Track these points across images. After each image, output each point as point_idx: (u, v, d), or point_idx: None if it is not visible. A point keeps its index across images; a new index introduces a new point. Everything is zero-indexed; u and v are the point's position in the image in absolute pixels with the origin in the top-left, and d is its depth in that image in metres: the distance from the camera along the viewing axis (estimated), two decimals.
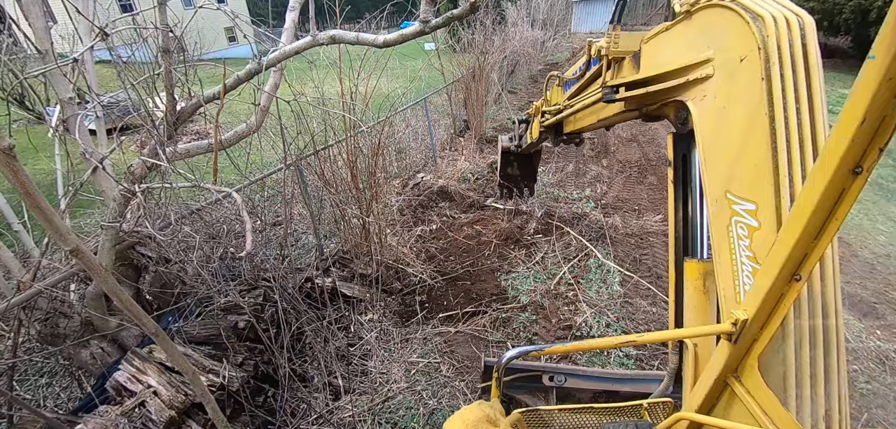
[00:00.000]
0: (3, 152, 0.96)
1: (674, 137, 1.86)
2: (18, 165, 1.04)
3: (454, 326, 4.18)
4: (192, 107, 2.43)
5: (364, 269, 4.67)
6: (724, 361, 1.31)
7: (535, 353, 1.48)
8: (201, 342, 3.15)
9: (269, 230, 5.03)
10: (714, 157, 1.45)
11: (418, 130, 8.90)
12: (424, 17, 2.66)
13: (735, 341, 1.25)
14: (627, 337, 1.41)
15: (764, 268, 1.14)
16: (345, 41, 2.79)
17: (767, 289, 1.12)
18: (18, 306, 2.64)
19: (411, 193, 6.96)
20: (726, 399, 1.38)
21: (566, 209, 6.24)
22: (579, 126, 3.02)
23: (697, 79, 1.53)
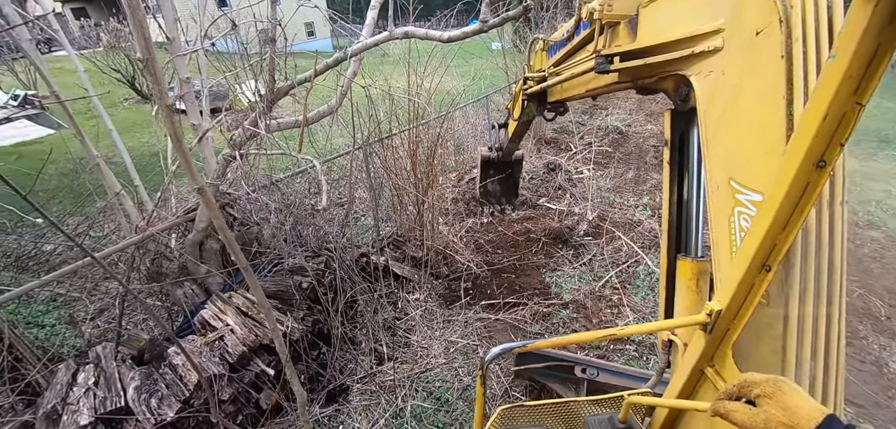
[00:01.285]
0: (167, 108, 1.33)
1: (672, 115, 1.71)
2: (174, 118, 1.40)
3: (495, 313, 4.36)
4: (288, 87, 2.87)
5: (415, 252, 4.99)
6: (700, 351, 1.34)
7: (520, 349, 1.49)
8: (271, 296, 3.61)
9: (333, 209, 5.52)
10: (718, 140, 1.35)
11: (478, 127, 9.11)
12: (484, 16, 2.89)
13: (710, 332, 1.29)
14: (609, 330, 1.41)
15: (736, 259, 1.18)
16: (416, 36, 3.12)
17: (739, 280, 1.16)
18: (135, 246, 3.24)
19: (466, 187, 7.20)
20: (703, 389, 1.41)
21: (620, 215, 6.15)
22: (565, 96, 2.81)
23: (704, 52, 1.38)
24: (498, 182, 4.60)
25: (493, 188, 4.63)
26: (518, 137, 3.86)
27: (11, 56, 17.39)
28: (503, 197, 4.67)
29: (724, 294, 1.23)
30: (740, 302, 1.21)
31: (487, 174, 4.54)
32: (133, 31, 1.16)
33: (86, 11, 31.83)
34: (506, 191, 4.64)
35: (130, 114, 13.72)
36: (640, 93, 1.96)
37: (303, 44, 21.68)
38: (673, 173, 1.78)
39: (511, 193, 4.64)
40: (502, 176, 4.54)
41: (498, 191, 4.63)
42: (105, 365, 2.87)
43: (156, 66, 1.23)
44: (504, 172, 4.49)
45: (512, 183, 4.60)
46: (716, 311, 1.25)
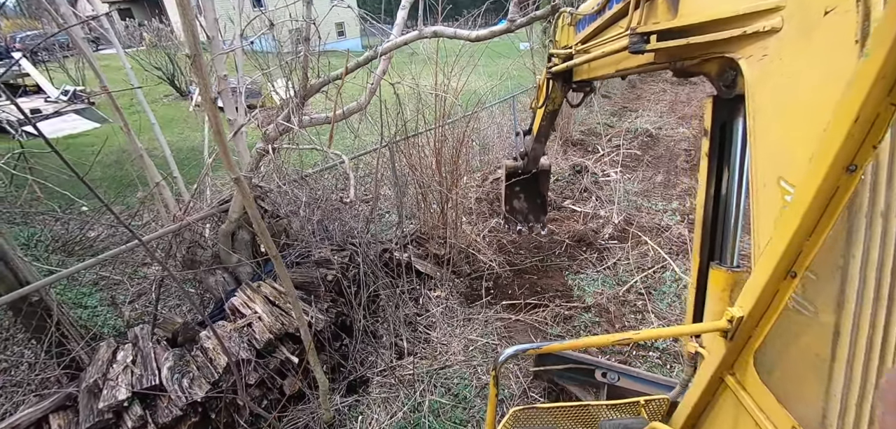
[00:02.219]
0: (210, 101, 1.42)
1: (714, 102, 1.54)
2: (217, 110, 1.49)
3: (516, 314, 4.36)
4: (320, 83, 2.98)
5: (438, 250, 5.04)
6: (719, 358, 1.31)
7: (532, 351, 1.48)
8: (297, 287, 3.72)
9: (358, 205, 5.64)
10: (768, 133, 1.21)
11: (504, 128, 9.08)
12: (511, 16, 2.90)
13: (731, 338, 1.25)
14: (625, 333, 1.38)
15: (759, 265, 1.14)
16: (444, 35, 3.16)
17: (762, 286, 1.12)
18: (172, 234, 3.41)
19: (490, 187, 7.20)
20: (722, 397, 1.37)
21: (647, 219, 6.02)
22: (593, 75, 2.61)
23: (757, 32, 1.21)
24: (525, 199, 4.26)
25: (519, 206, 4.28)
26: (544, 134, 3.54)
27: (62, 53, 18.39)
28: (531, 215, 4.29)
29: (746, 300, 1.19)
30: (763, 309, 1.17)
31: (513, 190, 4.19)
32: (183, 29, 1.24)
33: (130, 12, 33.54)
34: (534, 208, 4.28)
35: (169, 110, 14.37)
36: (678, 75, 1.73)
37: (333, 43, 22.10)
38: (711, 167, 1.60)
39: (539, 211, 4.28)
40: (528, 190, 4.21)
41: (525, 209, 4.28)
42: (142, 345, 3.04)
43: (202, 62, 1.31)
44: (530, 185, 4.17)
45: (539, 198, 4.25)
46: (737, 317, 1.21)
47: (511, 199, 4.28)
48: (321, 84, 3.00)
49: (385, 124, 4.31)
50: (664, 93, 13.77)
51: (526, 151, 3.86)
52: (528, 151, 3.80)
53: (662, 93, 13.79)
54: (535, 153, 3.79)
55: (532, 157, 3.79)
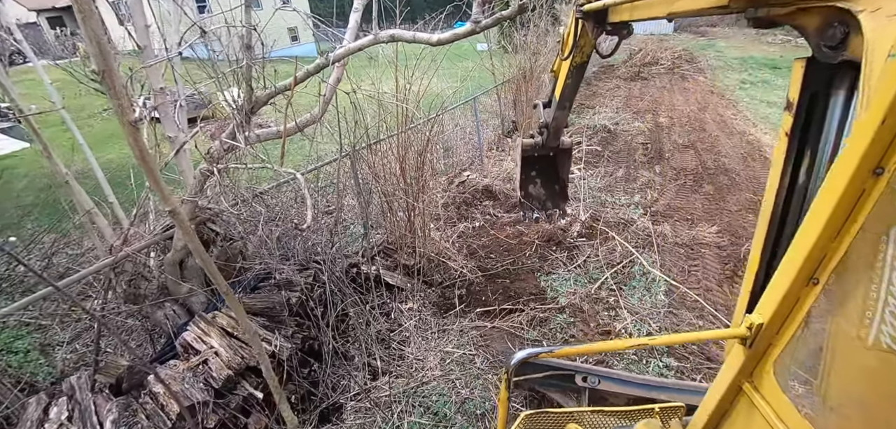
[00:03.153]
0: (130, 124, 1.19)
1: (807, 66, 1.21)
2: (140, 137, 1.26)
3: (491, 321, 4.26)
4: (267, 96, 2.72)
5: (407, 260, 4.86)
6: (738, 365, 1.27)
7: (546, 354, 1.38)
8: (257, 314, 3.45)
9: (321, 218, 5.36)
10: None
11: (466, 129, 9.03)
12: (476, 17, 2.77)
13: (750, 346, 1.21)
14: (639, 339, 1.35)
15: (780, 270, 1.09)
16: (403, 40, 2.98)
17: (784, 293, 1.08)
18: (109, 267, 3.05)
19: (456, 191, 7.10)
20: (740, 405, 1.33)
21: (613, 214, 6.11)
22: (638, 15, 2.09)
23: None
24: (542, 183, 3.81)
25: (536, 191, 3.83)
26: (569, 96, 3.00)
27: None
28: (549, 200, 3.86)
29: (766, 307, 1.14)
30: (784, 316, 1.12)
31: (529, 172, 3.72)
32: (86, 39, 1.02)
33: (62, 20, 31.01)
34: (552, 193, 3.84)
35: (110, 124, 13.29)
36: (757, 25, 1.39)
37: (286, 49, 21.30)
38: (791, 148, 1.31)
39: (557, 197, 3.83)
40: (546, 173, 3.76)
41: (542, 194, 3.83)
42: (80, 397, 2.68)
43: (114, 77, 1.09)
44: (548, 167, 3.72)
45: (558, 183, 3.80)
46: (757, 324, 1.16)
47: (527, 183, 3.81)
48: (268, 97, 2.75)
49: (344, 133, 4.09)
50: (618, 89, 14.21)
51: (546, 122, 3.38)
52: (549, 123, 3.34)
53: (617, 89, 14.23)
54: (558, 123, 3.31)
55: (554, 128, 3.33)
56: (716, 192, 6.86)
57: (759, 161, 8.02)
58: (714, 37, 24.79)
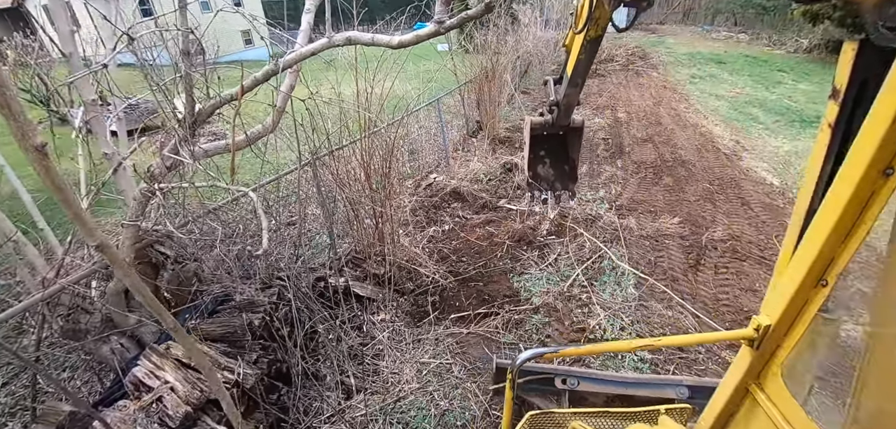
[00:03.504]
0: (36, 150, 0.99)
1: (860, 48, 1.08)
2: (50, 163, 1.06)
3: (466, 327, 4.17)
4: (211, 107, 2.48)
5: (377, 269, 4.70)
6: (745, 367, 1.27)
7: (549, 354, 1.43)
8: (217, 340, 3.19)
9: (283, 230, 5.09)
10: None
11: (431, 130, 8.92)
12: (439, 17, 2.64)
13: (757, 347, 1.20)
14: (643, 341, 1.34)
15: (788, 272, 1.08)
16: (360, 42, 2.81)
17: (792, 294, 1.07)
18: (43, 302, 2.72)
19: (424, 194, 6.98)
20: (746, 406, 1.32)
21: (579, 210, 6.18)
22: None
23: None
24: (551, 163, 3.58)
25: (544, 172, 3.59)
26: (581, 73, 2.85)
27: None
28: (558, 181, 3.59)
29: (773, 308, 1.13)
30: (792, 318, 1.11)
31: (538, 152, 3.52)
32: None
33: None
34: (561, 174, 3.60)
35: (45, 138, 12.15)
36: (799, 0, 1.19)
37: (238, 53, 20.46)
38: (834, 140, 1.20)
39: (567, 178, 3.60)
40: (555, 153, 3.56)
41: (551, 175, 3.58)
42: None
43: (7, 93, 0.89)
44: (557, 147, 3.53)
45: (568, 163, 3.59)
46: (764, 326, 1.15)
47: (535, 163, 3.60)
48: (213, 107, 2.52)
49: (304, 140, 3.88)
50: None
51: (557, 100, 3.18)
52: (560, 100, 3.15)
53: None
54: (569, 101, 3.11)
55: (565, 106, 3.12)
56: (675, 183, 7.10)
57: (712, 152, 8.40)
58: (664, 34, 25.92)
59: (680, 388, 2.95)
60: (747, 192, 6.77)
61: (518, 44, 11.85)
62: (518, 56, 12.07)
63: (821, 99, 11.43)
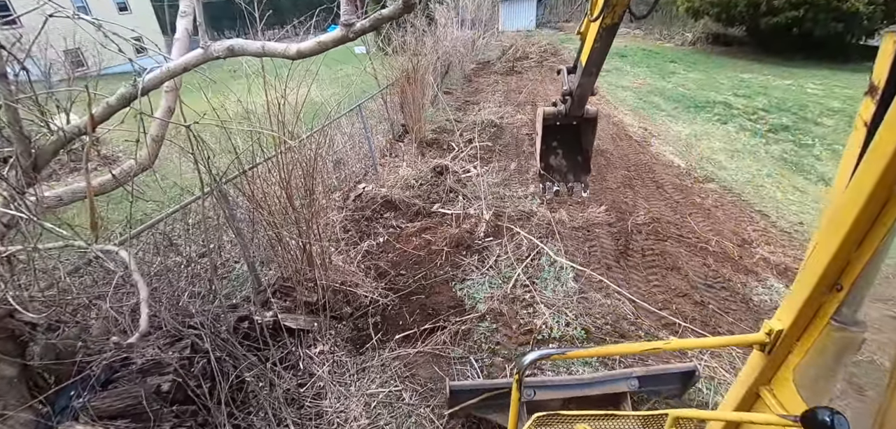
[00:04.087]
0: None
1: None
2: None
3: (413, 346, 3.93)
4: (54, 146, 1.96)
5: (308, 296, 4.27)
6: (756, 372, 1.25)
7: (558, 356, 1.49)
8: (116, 416, 2.63)
9: (195, 264, 4.44)
10: None
11: (355, 138, 8.50)
12: (346, 19, 2.31)
13: (769, 352, 1.19)
14: (651, 343, 1.30)
15: (801, 276, 1.06)
16: (246, 52, 2.38)
17: (805, 299, 1.05)
18: None
19: (354, 206, 6.59)
20: (757, 411, 1.30)
21: (513, 208, 6.22)
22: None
23: None
24: (564, 154, 3.56)
25: (557, 163, 3.58)
26: (596, 62, 2.75)
27: None
28: (570, 173, 3.59)
29: (786, 313, 1.12)
30: (805, 323, 1.10)
31: (550, 143, 3.48)
32: None
33: None
34: (574, 165, 3.58)
35: None
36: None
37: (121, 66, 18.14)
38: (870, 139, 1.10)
39: (580, 169, 3.59)
40: (568, 144, 3.52)
41: (563, 166, 3.57)
42: None
43: None
44: (570, 137, 3.50)
45: (581, 154, 3.56)
46: (776, 331, 1.14)
47: (547, 154, 3.57)
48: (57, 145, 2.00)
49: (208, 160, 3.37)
50: (497, 84, 14.88)
51: (570, 89, 3.12)
52: (573, 90, 3.08)
53: (496, 84, 14.89)
54: (583, 91, 3.04)
55: (578, 96, 3.07)
56: (597, 173, 7.45)
57: (625, 140, 8.99)
58: (570, 32, 27.61)
59: (630, 380, 3.00)
60: (660, 175, 7.31)
61: (437, 44, 11.79)
62: (438, 56, 12.02)
63: (708, 85, 12.85)
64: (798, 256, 5.06)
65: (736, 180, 7.09)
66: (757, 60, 16.70)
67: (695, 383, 3.12)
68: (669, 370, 3.07)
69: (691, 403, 3.25)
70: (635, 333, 3.97)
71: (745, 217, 5.98)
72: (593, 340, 3.89)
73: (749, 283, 4.62)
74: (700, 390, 3.30)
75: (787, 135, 8.99)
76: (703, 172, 7.42)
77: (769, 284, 4.59)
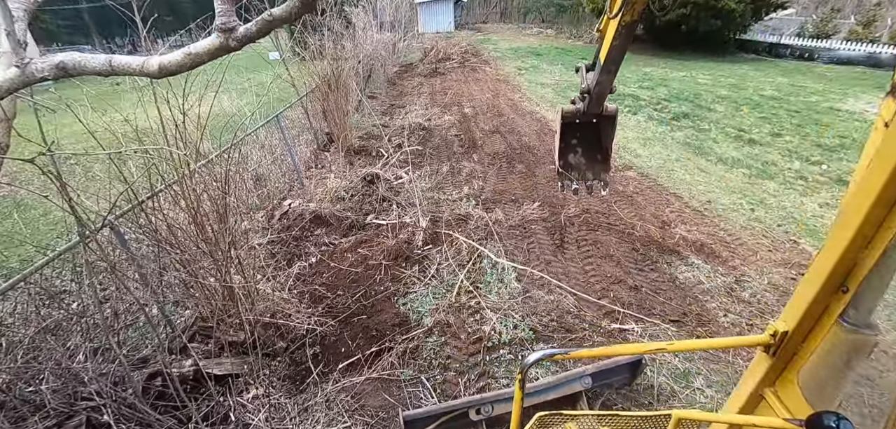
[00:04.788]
0: None
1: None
2: None
3: (358, 374, 3.64)
4: None
5: (234, 335, 3.80)
6: (761, 373, 1.24)
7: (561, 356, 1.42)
8: None
9: (91, 315, 3.73)
10: None
11: (276, 151, 7.88)
12: (223, 23, 1.81)
13: (773, 354, 1.18)
14: (656, 344, 1.28)
15: (807, 277, 1.05)
16: (85, 70, 1.85)
17: (810, 300, 1.04)
18: None
19: (280, 226, 6.07)
20: (762, 413, 1.29)
21: (450, 212, 6.12)
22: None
23: None
24: (583, 152, 3.48)
25: (576, 161, 3.48)
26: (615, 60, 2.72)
27: None
28: (589, 170, 3.48)
29: (791, 315, 1.11)
30: (811, 325, 1.09)
31: (569, 141, 3.42)
32: None
33: None
34: (592, 163, 3.50)
35: None
36: None
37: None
38: None
39: (600, 167, 3.50)
40: (588, 141, 3.45)
41: (582, 163, 3.47)
42: None
43: None
44: (589, 135, 3.43)
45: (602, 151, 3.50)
46: (781, 332, 1.13)
47: (566, 152, 3.47)
48: None
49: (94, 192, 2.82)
50: (422, 86, 14.78)
51: (588, 87, 3.04)
52: (591, 88, 3.01)
53: (420, 86, 14.78)
54: (602, 89, 2.98)
55: (597, 95, 3.00)
56: (527, 169, 7.63)
57: (549, 135, 9.31)
58: (488, 32, 28.39)
59: (584, 378, 3.03)
60: None
61: (358, 48, 11.37)
62: (360, 60, 11.61)
63: (617, 79, 13.82)
64: (711, 233, 5.53)
65: (650, 166, 7.63)
66: (655, 55, 18.40)
67: (642, 372, 3.22)
68: (619, 363, 3.13)
69: (638, 389, 3.36)
70: (580, 325, 4.04)
71: (663, 200, 6.43)
72: (541, 338, 3.89)
73: (673, 262, 4.94)
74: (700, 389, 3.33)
75: (687, 122, 9.92)
76: (621, 160, 7.90)
77: (691, 262, 4.94)
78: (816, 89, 12.69)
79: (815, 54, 17.51)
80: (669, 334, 3.93)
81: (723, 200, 6.38)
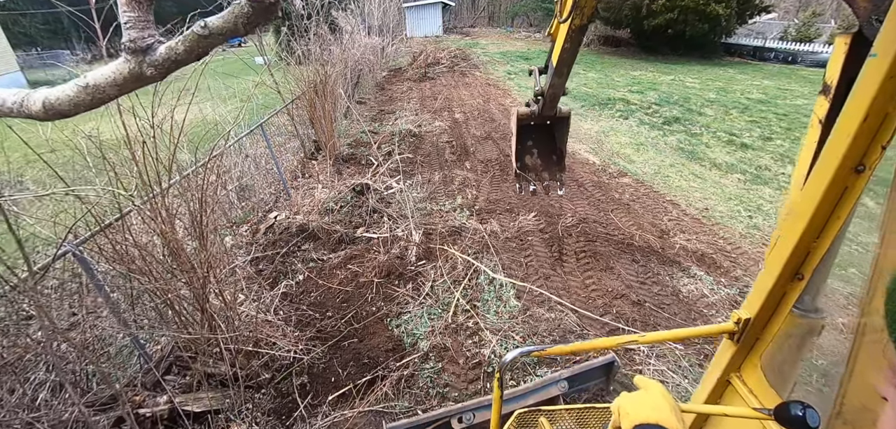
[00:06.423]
0: None
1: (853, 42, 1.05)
2: None
3: (350, 407, 3.38)
4: None
5: (214, 367, 3.50)
6: (726, 360, 1.32)
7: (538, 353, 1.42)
8: None
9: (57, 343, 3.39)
10: None
11: (261, 160, 7.57)
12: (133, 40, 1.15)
13: (737, 340, 1.26)
14: (629, 337, 1.32)
15: (766, 267, 1.13)
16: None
17: (769, 289, 1.13)
18: None
19: (265, 240, 5.76)
20: (727, 398, 1.38)
21: (443, 224, 5.89)
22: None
23: None
24: (538, 154, 3.58)
25: (533, 162, 3.59)
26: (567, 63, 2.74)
27: None
28: (545, 171, 3.59)
29: (753, 302, 1.19)
30: (770, 311, 1.17)
31: (525, 143, 3.52)
32: None
33: None
34: (548, 164, 3.59)
35: None
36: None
37: None
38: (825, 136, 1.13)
39: (555, 166, 3.59)
40: (543, 143, 3.54)
41: (538, 165, 3.58)
42: None
43: None
44: (544, 136, 3.52)
45: (555, 152, 3.60)
46: (744, 319, 1.21)
47: (522, 154, 3.56)
48: None
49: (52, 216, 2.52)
50: (411, 91, 14.55)
51: (542, 89, 3.11)
52: (544, 91, 3.06)
53: (410, 91, 14.54)
54: (554, 91, 3.02)
55: (550, 97, 3.05)
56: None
57: None
58: (476, 37, 28.31)
59: (560, 382, 3.00)
60: (579, 174, 7.49)
61: (346, 53, 11.10)
62: (348, 65, 11.33)
63: (607, 84, 13.79)
64: (711, 242, 5.39)
65: (645, 172, 7.51)
66: (643, 59, 18.47)
67: (615, 374, 3.22)
68: (593, 365, 3.17)
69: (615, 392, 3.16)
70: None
71: (660, 208, 6.29)
72: (544, 362, 3.67)
73: (675, 274, 4.78)
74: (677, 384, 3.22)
75: (679, 126, 9.86)
76: (616, 166, 7.76)
77: (693, 273, 4.78)
78: (802, 92, 12.80)
79: (798, 58, 17.76)
80: (676, 352, 3.76)
81: (720, 207, 6.27)
